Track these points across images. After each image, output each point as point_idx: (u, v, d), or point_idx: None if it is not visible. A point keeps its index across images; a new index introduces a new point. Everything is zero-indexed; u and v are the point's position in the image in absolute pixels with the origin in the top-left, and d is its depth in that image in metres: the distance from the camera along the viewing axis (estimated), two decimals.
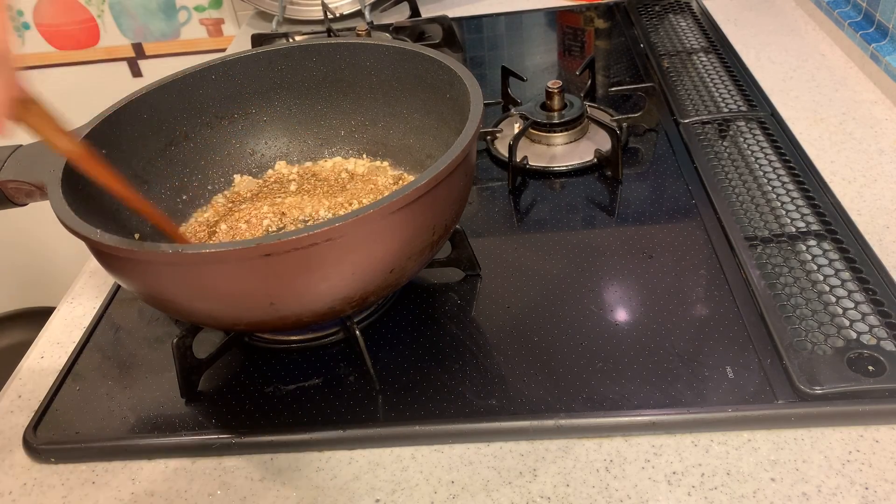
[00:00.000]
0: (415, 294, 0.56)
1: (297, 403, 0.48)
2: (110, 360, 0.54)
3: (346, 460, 0.45)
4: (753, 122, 0.70)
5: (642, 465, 0.43)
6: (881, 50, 0.75)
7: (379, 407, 0.47)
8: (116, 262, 0.43)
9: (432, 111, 0.59)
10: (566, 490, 0.42)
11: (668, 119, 0.74)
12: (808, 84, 0.78)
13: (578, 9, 1.04)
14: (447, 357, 0.50)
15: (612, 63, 0.88)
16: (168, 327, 0.57)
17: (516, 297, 0.55)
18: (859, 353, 0.45)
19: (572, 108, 0.72)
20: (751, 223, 0.57)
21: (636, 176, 0.67)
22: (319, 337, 0.53)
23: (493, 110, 0.80)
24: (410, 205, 0.42)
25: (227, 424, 0.48)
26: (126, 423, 0.49)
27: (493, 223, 0.63)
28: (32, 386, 0.54)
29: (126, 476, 0.46)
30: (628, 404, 0.45)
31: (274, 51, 0.61)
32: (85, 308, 0.61)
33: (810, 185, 0.60)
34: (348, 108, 0.64)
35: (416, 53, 0.57)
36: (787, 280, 0.51)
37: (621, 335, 0.50)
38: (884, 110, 0.72)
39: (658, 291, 0.53)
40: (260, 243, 0.38)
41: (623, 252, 0.58)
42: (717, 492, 0.41)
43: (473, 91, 0.50)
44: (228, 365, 0.52)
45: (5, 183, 0.50)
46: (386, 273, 0.44)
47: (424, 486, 0.43)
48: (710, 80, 0.79)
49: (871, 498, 0.39)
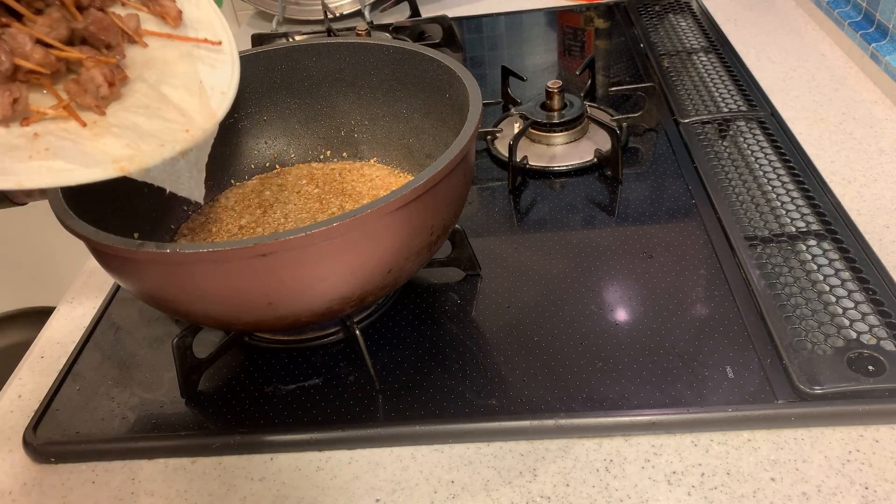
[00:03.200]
0: (415, 294, 0.56)
1: (297, 403, 0.48)
2: (110, 360, 0.54)
3: (346, 460, 0.45)
4: (753, 121, 0.70)
5: (642, 464, 0.43)
6: (881, 50, 0.75)
7: (379, 407, 0.47)
8: (115, 262, 0.43)
9: (432, 111, 0.59)
10: (566, 490, 0.42)
11: (668, 119, 0.74)
12: (808, 84, 0.78)
13: (578, 9, 1.04)
14: (447, 357, 0.50)
15: (612, 63, 0.88)
16: (168, 327, 0.57)
17: (516, 297, 0.54)
18: (859, 352, 0.45)
19: (572, 108, 0.72)
20: (751, 223, 0.57)
21: (636, 176, 0.67)
22: (319, 337, 0.53)
23: (493, 110, 0.80)
24: (408, 205, 0.42)
25: (227, 424, 0.48)
26: (126, 423, 0.49)
27: (493, 223, 0.63)
28: (32, 386, 0.54)
29: (126, 476, 0.46)
30: (628, 404, 0.45)
31: (274, 51, 0.61)
32: (85, 308, 0.61)
33: (810, 184, 0.60)
34: (348, 108, 0.64)
35: (416, 53, 0.57)
36: (787, 280, 0.51)
37: (621, 335, 0.50)
38: (884, 110, 0.72)
39: (658, 291, 0.53)
40: (258, 243, 0.38)
41: (623, 252, 0.58)
42: (717, 491, 0.41)
43: (473, 91, 0.50)
44: (228, 365, 0.52)
45: None
46: (384, 273, 0.44)
47: (424, 485, 0.43)
48: (710, 79, 0.79)
49: (871, 498, 0.39)
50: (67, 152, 0.40)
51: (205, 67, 0.49)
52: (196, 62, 0.49)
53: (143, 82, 0.46)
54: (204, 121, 0.46)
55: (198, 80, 0.48)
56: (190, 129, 0.44)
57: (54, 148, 0.40)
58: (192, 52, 0.50)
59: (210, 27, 0.52)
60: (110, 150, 0.41)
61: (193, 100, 0.47)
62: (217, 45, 0.51)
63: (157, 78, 0.47)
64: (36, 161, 0.39)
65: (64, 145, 0.41)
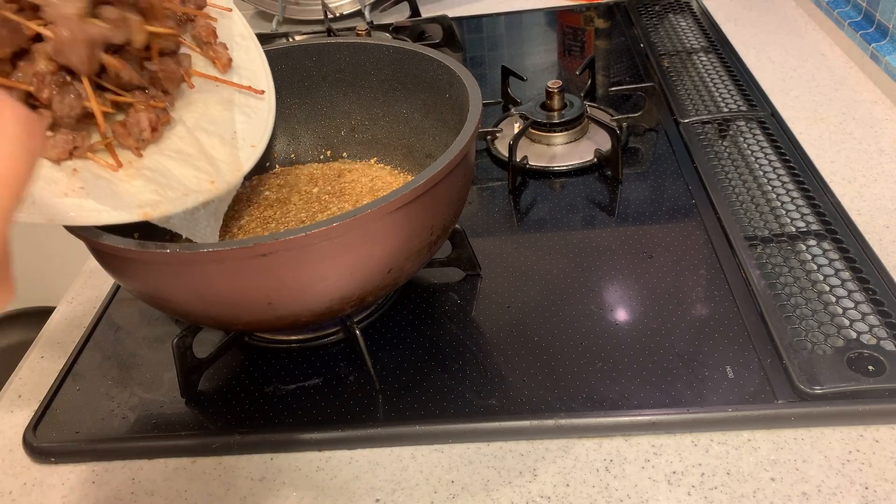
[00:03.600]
0: (415, 294, 0.56)
1: (297, 403, 0.48)
2: (110, 360, 0.54)
3: (346, 460, 0.45)
4: (753, 121, 0.70)
5: (642, 464, 0.43)
6: (881, 50, 0.75)
7: (379, 407, 0.47)
8: (115, 262, 0.43)
9: (432, 111, 0.59)
10: (566, 490, 0.42)
11: (668, 119, 0.74)
12: (808, 84, 0.78)
13: (578, 9, 1.04)
14: (447, 357, 0.50)
15: (612, 63, 0.88)
16: (168, 327, 0.57)
17: (516, 297, 0.54)
18: (859, 352, 0.45)
19: (572, 108, 0.72)
20: (751, 223, 0.57)
21: (636, 176, 0.67)
22: (319, 337, 0.53)
23: (493, 110, 0.80)
24: (408, 205, 0.42)
25: (227, 424, 0.48)
26: (126, 423, 0.49)
27: (493, 223, 0.63)
28: (32, 386, 0.54)
29: (126, 476, 0.46)
30: (628, 404, 0.45)
31: (274, 51, 0.61)
32: (85, 308, 0.61)
33: (810, 184, 0.60)
34: (348, 108, 0.64)
35: (415, 53, 0.57)
36: (787, 280, 0.51)
37: (621, 335, 0.50)
38: (884, 110, 0.72)
39: (658, 291, 0.53)
40: (257, 243, 0.38)
41: (623, 252, 0.58)
42: (717, 491, 0.41)
43: (473, 91, 0.50)
44: (228, 365, 0.52)
45: None
46: (384, 273, 0.44)
47: (424, 485, 0.43)
48: (710, 79, 0.79)
49: (871, 498, 0.39)
50: (100, 192, 0.42)
51: (241, 116, 0.50)
52: (234, 110, 0.50)
53: (181, 125, 0.48)
54: (230, 174, 0.47)
55: (233, 130, 0.49)
56: (215, 182, 0.46)
57: (89, 187, 0.42)
58: (233, 99, 0.51)
59: (255, 75, 0.53)
60: (138, 193, 0.43)
61: (224, 150, 0.48)
62: (259, 94, 0.52)
63: (195, 122, 0.48)
64: (70, 199, 0.41)
65: (98, 185, 0.42)
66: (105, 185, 0.42)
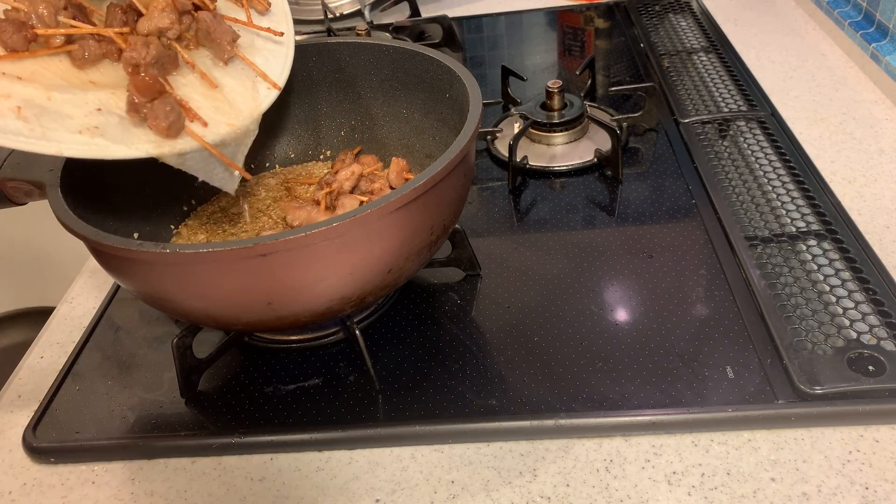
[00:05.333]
0: (415, 294, 0.56)
1: (297, 403, 0.48)
2: (110, 360, 0.54)
3: (346, 460, 0.45)
4: (753, 121, 0.70)
5: (642, 465, 0.43)
6: (881, 50, 0.75)
7: (379, 407, 0.47)
8: (115, 262, 0.43)
9: (432, 111, 0.59)
10: (566, 490, 0.42)
11: (668, 119, 0.74)
12: (808, 84, 0.78)
13: (578, 9, 1.04)
14: (447, 357, 0.50)
15: (612, 63, 0.88)
16: (168, 327, 0.57)
17: (516, 297, 0.54)
18: (859, 352, 0.45)
19: (572, 108, 0.72)
20: (751, 223, 0.57)
21: (636, 176, 0.67)
22: (319, 337, 0.53)
23: (493, 110, 0.80)
24: (408, 205, 0.42)
25: (227, 424, 0.48)
26: (126, 423, 0.49)
27: (493, 223, 0.63)
28: (32, 386, 0.54)
29: (126, 476, 0.46)
30: (628, 404, 0.45)
31: None
32: (85, 308, 0.61)
33: (810, 184, 0.60)
34: (348, 108, 0.64)
35: (415, 53, 0.57)
36: (787, 280, 0.51)
37: (621, 335, 0.50)
38: (884, 110, 0.72)
39: (658, 291, 0.53)
40: (257, 243, 0.38)
41: (623, 252, 0.58)
42: (717, 492, 0.41)
43: (473, 91, 0.50)
44: (228, 365, 0.52)
45: (4, 182, 0.50)
46: (384, 273, 0.44)
47: (424, 486, 0.43)
48: (710, 79, 0.79)
49: (871, 498, 0.39)
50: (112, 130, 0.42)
51: (259, 59, 0.51)
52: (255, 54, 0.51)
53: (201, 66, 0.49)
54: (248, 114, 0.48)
55: (253, 75, 0.50)
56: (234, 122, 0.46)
57: (104, 126, 0.42)
58: (254, 43, 0.52)
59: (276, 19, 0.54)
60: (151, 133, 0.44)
61: (246, 93, 0.48)
62: (279, 36, 0.53)
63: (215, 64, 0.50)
64: (82, 136, 0.41)
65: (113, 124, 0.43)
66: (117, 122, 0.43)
